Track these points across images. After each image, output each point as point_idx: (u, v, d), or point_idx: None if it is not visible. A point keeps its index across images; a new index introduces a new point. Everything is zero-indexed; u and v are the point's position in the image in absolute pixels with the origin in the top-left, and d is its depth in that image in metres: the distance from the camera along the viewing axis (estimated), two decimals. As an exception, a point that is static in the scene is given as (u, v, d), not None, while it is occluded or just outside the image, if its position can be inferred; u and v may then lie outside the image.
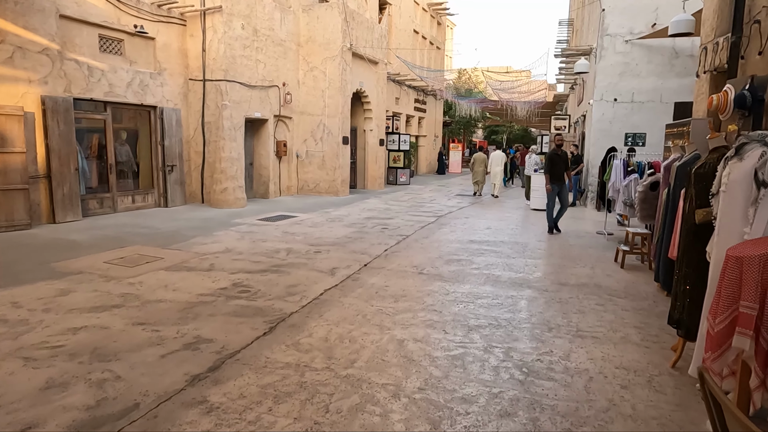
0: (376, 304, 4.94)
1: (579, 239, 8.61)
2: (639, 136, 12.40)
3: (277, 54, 13.47)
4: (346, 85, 14.50)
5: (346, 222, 10.02)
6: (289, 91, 13.95)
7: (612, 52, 12.40)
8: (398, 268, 6.41)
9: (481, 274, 6.16)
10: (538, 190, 12.40)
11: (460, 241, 8.27)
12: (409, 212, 11.72)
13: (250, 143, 13.50)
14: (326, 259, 6.82)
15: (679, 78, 11.99)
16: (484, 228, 9.61)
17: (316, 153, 14.68)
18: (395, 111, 22.19)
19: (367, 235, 8.66)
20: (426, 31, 25.97)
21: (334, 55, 14.14)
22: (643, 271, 6.49)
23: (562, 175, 9.15)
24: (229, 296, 5.11)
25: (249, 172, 13.53)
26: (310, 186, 14.89)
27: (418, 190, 17.79)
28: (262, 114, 13.06)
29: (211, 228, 8.98)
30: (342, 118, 14.44)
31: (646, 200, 6.79)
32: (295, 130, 14.61)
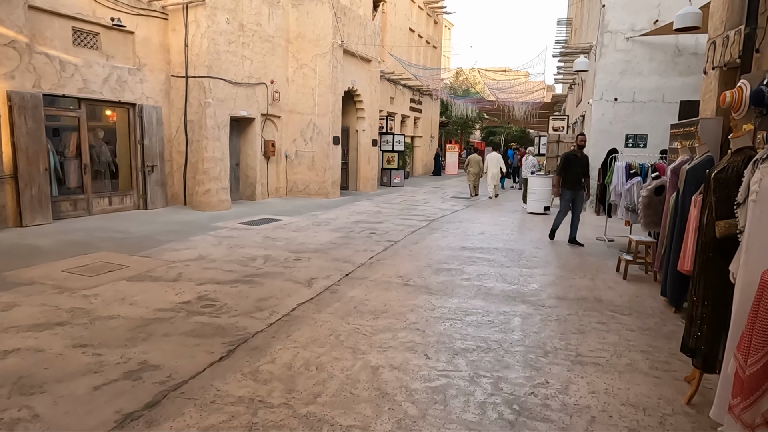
0: (352, 321, 4.43)
1: (578, 247, 8.12)
2: (640, 137, 11.93)
3: (265, 50, 12.96)
4: (337, 83, 14.00)
5: (332, 226, 9.51)
6: (278, 89, 13.44)
7: (612, 50, 11.93)
8: (382, 278, 5.91)
9: (472, 285, 5.66)
10: (535, 193, 11.91)
11: (452, 247, 7.77)
12: (400, 216, 11.22)
13: (236, 143, 12.98)
14: (305, 267, 6.31)
15: (682, 76, 11.52)
16: (478, 233, 9.12)
17: (306, 153, 14.18)
18: (390, 111, 21.71)
19: (353, 240, 8.16)
20: (422, 30, 25.49)
21: (324, 52, 13.64)
22: (648, 282, 6.00)
23: (579, 180, 8.15)
24: (190, 311, 4.60)
25: (235, 173, 13.02)
26: (299, 187, 14.38)
27: (412, 192, 17.30)
28: (249, 112, 12.54)
29: (188, 232, 8.46)
30: (332, 117, 13.94)
31: (651, 206, 6.31)
32: (283, 129, 14.10)
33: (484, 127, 48.04)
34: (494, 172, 15.98)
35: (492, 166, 16.06)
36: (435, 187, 19.41)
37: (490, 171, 16.00)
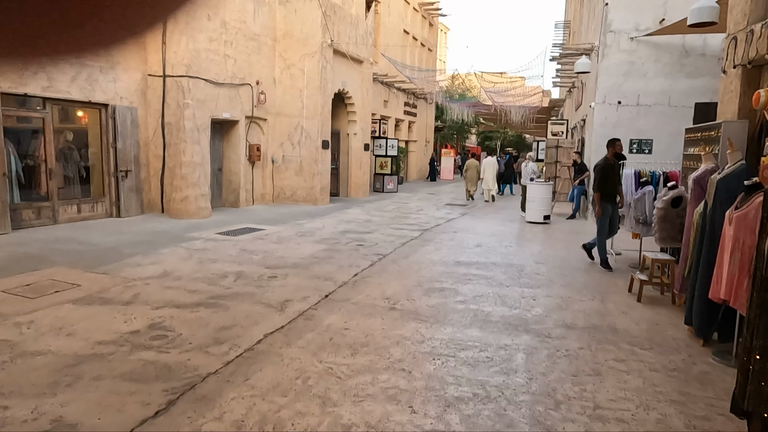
0: (326, 358, 3.74)
1: (583, 261, 7.45)
2: (645, 142, 11.31)
3: (250, 49, 12.28)
4: (326, 84, 13.34)
5: (317, 237, 8.82)
6: (263, 90, 12.76)
7: (616, 50, 11.32)
8: (366, 300, 5.22)
9: (468, 310, 4.98)
10: (535, 201, 11.26)
11: (446, 262, 7.09)
12: (391, 225, 10.54)
13: (218, 147, 12.28)
14: (281, 287, 5.61)
15: (690, 79, 10.92)
16: (474, 245, 8.44)
17: (293, 158, 13.49)
18: (383, 114, 21.05)
19: (338, 253, 7.47)
20: (417, 32, 24.90)
21: (313, 52, 12.98)
22: (666, 305, 5.33)
23: (615, 193, 7.09)
24: (136, 345, 3.89)
25: (217, 179, 12.32)
26: (286, 194, 13.68)
27: (406, 198, 16.63)
28: (232, 115, 11.86)
29: (158, 244, 7.75)
30: (321, 120, 13.27)
31: (667, 219, 5.65)
32: (270, 132, 13.41)
33: (480, 132, 47.52)
34: (490, 176, 16.18)
35: (488, 170, 16.23)
36: (430, 194, 18.75)
37: (486, 175, 16.22)
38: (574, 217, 12.23)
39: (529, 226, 10.90)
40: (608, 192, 6.97)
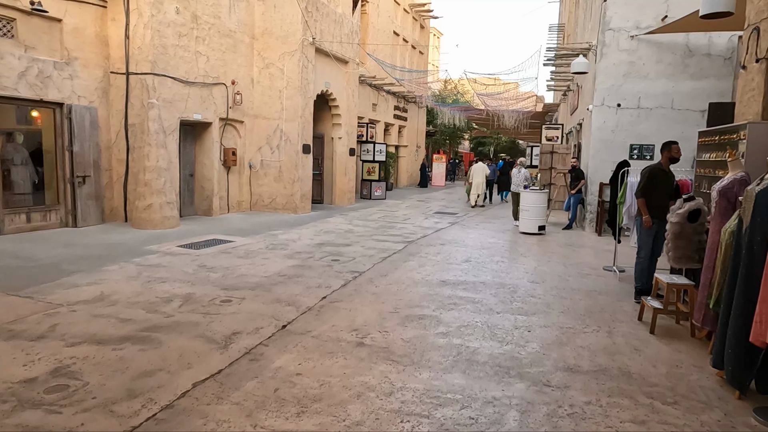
0: (263, 421, 2.90)
1: (583, 278, 6.67)
2: (646, 147, 10.57)
3: (225, 47, 11.47)
4: (307, 84, 12.54)
5: (290, 250, 7.98)
6: (240, 91, 11.94)
7: (615, 50, 10.60)
8: (330, 332, 4.39)
9: (450, 345, 4.16)
10: (528, 210, 10.48)
11: (429, 281, 6.27)
12: (374, 236, 9.72)
13: (190, 151, 11.43)
14: (232, 315, 4.77)
15: (694, 80, 10.21)
16: (462, 260, 7.63)
17: (272, 163, 12.65)
18: (372, 118, 20.28)
19: (309, 271, 6.63)
20: (407, 34, 24.20)
21: (293, 50, 12.18)
22: (684, 339, 4.53)
23: (666, 206, 5.54)
24: (23, 400, 3.05)
25: (189, 185, 11.46)
26: (264, 201, 12.83)
27: (394, 206, 15.82)
28: (204, 116, 11.02)
29: (108, 259, 6.88)
30: (302, 122, 12.45)
31: (682, 235, 4.88)
32: (247, 136, 12.58)
33: (473, 138, 46.90)
34: (479, 182, 16.27)
35: (477, 175, 16.29)
36: (419, 201, 17.96)
37: (475, 180, 16.28)
38: (570, 227, 11.47)
39: (523, 238, 10.11)
40: (654, 204, 5.64)
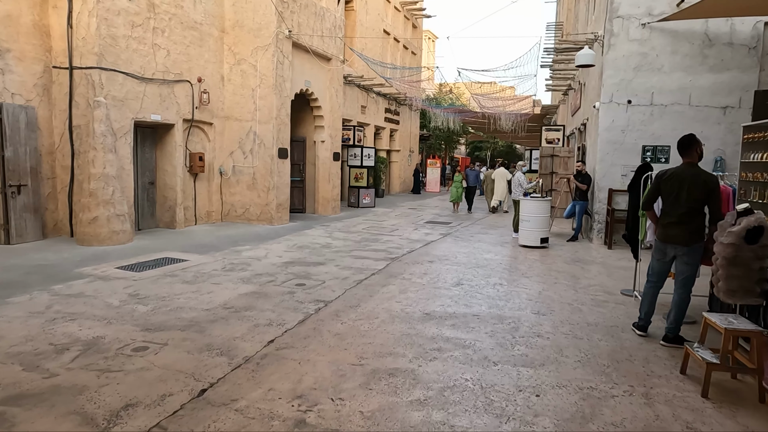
0: None
1: (599, 307, 5.46)
2: (661, 149, 9.42)
3: (190, 40, 10.29)
4: (283, 82, 11.35)
5: (249, 271, 6.76)
6: (207, 89, 10.75)
7: (624, 40, 9.46)
8: (261, 402, 3.17)
9: (428, 423, 2.94)
10: (529, 221, 9.29)
11: (409, 315, 5.06)
12: (354, 251, 8.51)
13: (150, 156, 10.23)
14: (138, 372, 3.55)
15: (714, 73, 9.07)
16: (453, 283, 6.42)
17: (245, 169, 11.45)
18: (361, 121, 19.14)
19: (264, 300, 5.41)
20: (399, 33, 23.09)
21: (266, 44, 11.00)
22: (751, 406, 3.32)
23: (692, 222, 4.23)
24: None
25: (149, 195, 10.24)
26: (237, 211, 11.61)
27: (383, 214, 14.62)
28: (164, 117, 9.82)
29: (21, 286, 5.65)
30: (278, 124, 11.26)
31: (738, 261, 3.70)
32: (217, 139, 11.38)
33: (470, 142, 45.82)
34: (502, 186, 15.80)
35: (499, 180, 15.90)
36: (411, 208, 16.76)
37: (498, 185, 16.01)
38: (576, 239, 10.28)
39: (524, 252, 8.91)
40: (667, 220, 4.40)
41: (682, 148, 4.34)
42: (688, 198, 4.19)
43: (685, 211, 4.20)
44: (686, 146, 4.32)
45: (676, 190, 4.25)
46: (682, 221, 4.22)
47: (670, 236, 4.30)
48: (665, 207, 4.38)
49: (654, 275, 4.55)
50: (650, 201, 4.57)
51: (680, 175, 4.26)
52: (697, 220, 4.21)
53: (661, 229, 4.40)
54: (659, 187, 4.41)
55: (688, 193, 4.20)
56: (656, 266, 4.53)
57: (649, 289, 4.58)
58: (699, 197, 4.17)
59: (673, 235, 4.28)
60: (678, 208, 4.24)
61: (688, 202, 4.19)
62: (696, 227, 4.22)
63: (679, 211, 4.23)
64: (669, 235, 4.31)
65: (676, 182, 4.26)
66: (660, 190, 4.41)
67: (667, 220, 4.33)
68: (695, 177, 4.20)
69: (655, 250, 4.50)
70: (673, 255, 4.35)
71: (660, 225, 4.44)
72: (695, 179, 4.19)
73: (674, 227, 4.26)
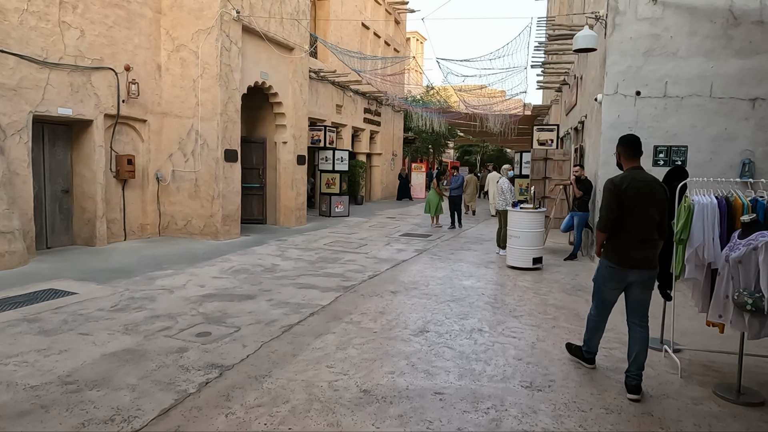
0: None
1: (618, 373, 3.81)
2: (677, 150, 7.84)
3: (114, 20, 8.59)
4: (231, 72, 9.67)
5: (146, 312, 5.05)
6: (136, 79, 9.03)
7: (632, 19, 7.90)
8: None
9: None
10: (519, 237, 7.65)
11: (338, 396, 3.36)
12: (302, 276, 6.83)
13: (63, 159, 8.49)
14: None
15: (741, 58, 7.52)
16: (416, 329, 4.75)
17: (186, 174, 9.73)
18: (336, 121, 17.49)
19: (133, 366, 3.71)
20: (380, 28, 21.49)
21: (208, 27, 9.32)
22: None
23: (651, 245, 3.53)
24: None
25: (62, 206, 8.49)
26: (177, 224, 9.87)
27: (355, 225, 12.94)
28: (78, 111, 8.10)
29: None
30: (224, 121, 9.56)
31: None
32: (153, 139, 9.65)
33: (459, 146, 44.37)
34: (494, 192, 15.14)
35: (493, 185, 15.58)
36: (389, 218, 15.11)
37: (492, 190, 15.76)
38: (574, 256, 8.65)
39: (512, 277, 7.27)
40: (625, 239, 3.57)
41: (634, 149, 3.65)
42: (652, 211, 3.45)
43: (651, 227, 3.47)
44: (638, 147, 3.65)
45: (642, 202, 3.45)
46: (648, 240, 3.49)
47: (636, 260, 3.48)
48: (626, 224, 3.49)
49: (605, 306, 3.77)
50: (613, 219, 3.52)
51: (641, 182, 3.49)
52: (657, 236, 3.53)
53: (622, 253, 3.53)
54: (620, 200, 3.47)
55: (651, 205, 3.46)
56: (610, 297, 3.72)
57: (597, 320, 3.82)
58: (662, 208, 3.50)
59: (639, 259, 3.48)
60: (642, 224, 3.46)
61: (652, 216, 3.45)
62: (659, 245, 3.58)
63: (645, 227, 3.46)
64: (634, 259, 3.48)
65: (636, 192, 3.46)
66: (621, 205, 3.47)
67: (631, 240, 3.49)
68: (654, 185, 3.53)
69: (609, 279, 3.63)
70: (631, 281, 3.53)
71: (618, 247, 3.54)
72: (655, 187, 3.51)
73: (640, 249, 3.48)
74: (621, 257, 3.51)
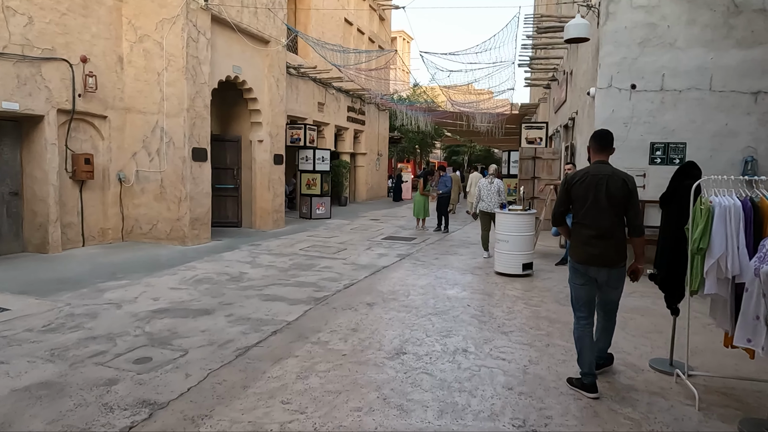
0: None
1: (624, 404, 3.24)
2: (675, 147, 7.35)
3: (68, 6, 7.89)
4: (199, 65, 9.00)
5: (83, 332, 4.39)
6: (95, 72, 8.33)
7: (627, 7, 7.39)
8: None
9: None
10: (508, 242, 7.09)
11: (292, 440, 2.77)
12: (269, 287, 6.19)
13: (12, 158, 7.76)
14: None
15: (743, 48, 7.05)
16: (391, 351, 4.15)
17: (151, 175, 9.04)
18: (318, 120, 16.84)
19: (43, 406, 3.06)
20: (363, 24, 20.90)
21: (173, 16, 8.65)
22: None
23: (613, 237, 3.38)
24: None
25: (10, 209, 7.76)
26: (142, 228, 9.18)
27: (336, 228, 12.32)
28: (26, 106, 7.39)
29: None
30: (191, 118, 8.89)
31: None
32: (115, 137, 8.95)
33: (447, 146, 43.92)
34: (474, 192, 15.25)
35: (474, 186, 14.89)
36: (373, 219, 14.50)
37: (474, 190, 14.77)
38: (566, 261, 8.09)
39: (501, 284, 6.70)
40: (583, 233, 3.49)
41: (604, 143, 3.51)
42: (610, 205, 3.34)
43: (608, 222, 3.35)
44: (608, 141, 3.52)
45: (592, 195, 3.37)
46: (604, 235, 3.35)
47: (593, 256, 3.38)
48: (580, 218, 3.45)
49: (583, 307, 3.50)
50: (563, 212, 3.61)
51: (596, 176, 3.38)
52: (621, 233, 3.40)
53: (578, 248, 3.47)
54: (570, 193, 3.48)
55: (608, 198, 3.33)
56: (582, 293, 3.50)
57: (583, 331, 3.47)
58: (621, 202, 3.34)
59: (596, 255, 3.37)
60: (599, 218, 3.37)
61: (610, 211, 3.34)
62: (622, 242, 3.40)
63: (600, 221, 3.36)
64: (591, 255, 3.38)
65: (592, 185, 3.38)
66: (571, 198, 3.48)
67: (587, 235, 3.41)
68: (613, 177, 3.37)
69: (575, 275, 3.53)
70: (596, 280, 3.43)
71: (576, 243, 3.49)
72: (614, 180, 3.35)
73: (597, 244, 3.37)
74: (578, 252, 3.46)
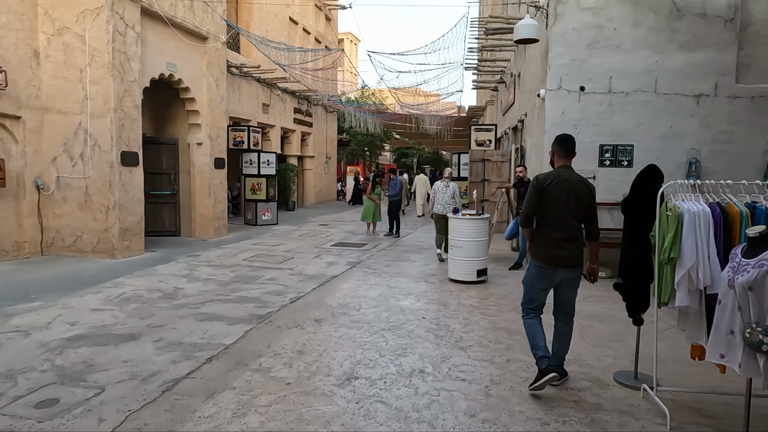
0: None
1: (592, 426, 3.00)
2: (622, 149, 7.36)
3: (-30, -7, 7.00)
4: (127, 61, 8.26)
5: (-24, 370, 3.73)
6: (3, 67, 7.45)
7: (575, 8, 7.34)
8: None
9: None
10: (462, 247, 6.84)
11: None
12: (206, 304, 5.64)
13: None
14: None
15: (685, 52, 7.14)
16: (340, 377, 3.75)
17: (74, 181, 8.20)
18: (263, 122, 16.18)
19: None
20: (309, 24, 20.37)
21: (97, 7, 7.89)
22: None
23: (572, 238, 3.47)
24: None
25: None
26: (65, 240, 8.32)
27: (283, 234, 11.76)
28: None
29: None
30: (120, 118, 8.14)
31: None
32: (31, 140, 8.05)
33: (396, 149, 43.90)
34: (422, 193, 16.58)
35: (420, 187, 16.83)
36: (322, 225, 14.02)
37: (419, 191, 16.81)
38: (519, 265, 7.99)
39: (455, 292, 6.44)
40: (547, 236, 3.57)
41: (569, 148, 3.61)
42: (579, 209, 3.46)
43: (575, 226, 3.47)
44: (573, 146, 3.63)
45: (563, 199, 3.43)
46: (572, 238, 3.47)
47: (561, 258, 3.44)
48: (550, 221, 3.47)
49: (536, 308, 3.63)
50: (533, 215, 3.58)
51: (568, 181, 3.46)
52: (582, 235, 3.56)
53: (546, 251, 3.48)
54: (541, 196, 3.48)
55: (577, 203, 3.45)
56: (539, 297, 3.61)
57: (533, 320, 3.60)
58: (586, 208, 3.49)
59: (566, 257, 3.44)
60: (568, 222, 3.44)
61: (577, 215, 3.47)
62: (582, 244, 3.54)
63: (570, 225, 3.45)
64: (559, 257, 3.44)
65: (564, 190, 3.44)
66: (542, 201, 3.48)
67: (555, 238, 3.45)
68: (579, 184, 3.48)
69: (539, 279, 3.57)
70: (559, 280, 3.53)
71: (544, 245, 3.50)
72: (582, 187, 3.48)
73: (566, 247, 3.44)
74: (546, 255, 3.47)
